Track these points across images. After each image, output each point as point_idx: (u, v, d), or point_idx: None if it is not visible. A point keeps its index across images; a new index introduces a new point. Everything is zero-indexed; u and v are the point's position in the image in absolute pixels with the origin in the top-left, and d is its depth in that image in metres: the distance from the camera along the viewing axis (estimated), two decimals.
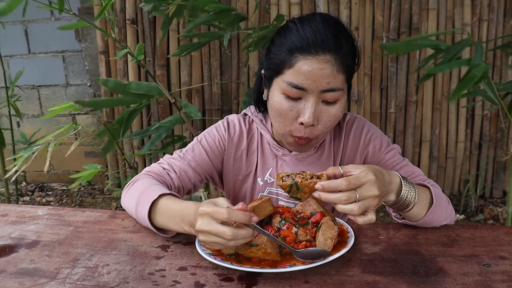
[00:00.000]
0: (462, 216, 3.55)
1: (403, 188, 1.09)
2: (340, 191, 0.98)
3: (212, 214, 0.97)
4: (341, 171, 1.02)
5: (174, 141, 2.89)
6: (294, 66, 1.18)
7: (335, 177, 1.03)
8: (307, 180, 1.03)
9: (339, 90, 1.20)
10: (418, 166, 3.67)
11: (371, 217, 1.00)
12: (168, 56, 3.68)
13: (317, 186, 1.00)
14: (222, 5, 2.38)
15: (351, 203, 0.98)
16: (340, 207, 0.98)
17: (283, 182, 1.05)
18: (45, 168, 2.39)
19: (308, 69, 1.17)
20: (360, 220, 0.99)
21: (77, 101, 2.40)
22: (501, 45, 3.22)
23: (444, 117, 3.68)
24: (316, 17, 1.22)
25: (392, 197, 1.08)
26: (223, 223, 0.97)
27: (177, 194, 1.23)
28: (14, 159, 2.45)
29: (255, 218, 1.00)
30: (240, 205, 0.99)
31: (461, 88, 2.11)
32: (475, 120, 3.68)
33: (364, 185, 0.98)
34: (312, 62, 1.16)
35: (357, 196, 0.97)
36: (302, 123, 1.22)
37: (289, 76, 1.20)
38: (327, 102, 1.21)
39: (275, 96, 1.25)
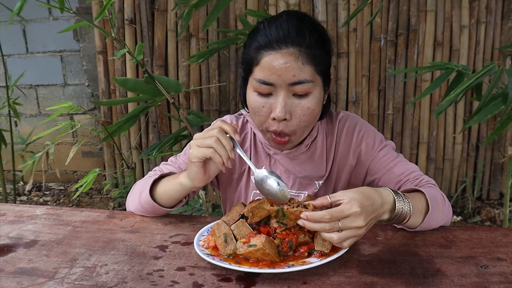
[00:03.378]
0: (459, 218, 3.56)
1: (397, 205, 1.10)
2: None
3: (207, 128, 1.18)
4: (330, 200, 1.03)
5: (177, 141, 2.87)
6: (260, 63, 1.22)
7: (322, 206, 1.05)
8: (293, 208, 1.06)
9: (308, 82, 1.21)
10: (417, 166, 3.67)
11: (343, 244, 1.02)
12: (185, 63, 3.67)
13: (302, 215, 1.03)
14: (260, 13, 2.38)
15: (334, 232, 1.01)
16: (322, 235, 1.03)
17: (271, 208, 1.07)
18: (58, 174, 2.40)
19: (272, 63, 1.19)
20: (333, 243, 1.04)
21: (94, 101, 2.39)
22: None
23: (442, 119, 3.68)
24: (283, 15, 1.26)
25: (385, 216, 1.10)
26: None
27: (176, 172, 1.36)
28: (13, 165, 2.44)
29: (238, 137, 1.17)
30: (234, 124, 1.19)
31: (501, 129, 1.98)
32: None
33: (348, 217, 1.00)
34: (275, 56, 1.19)
35: (340, 225, 1.00)
36: (274, 118, 1.23)
37: (257, 73, 1.23)
38: (298, 95, 1.22)
39: (249, 94, 1.28)
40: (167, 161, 1.51)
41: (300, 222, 1.03)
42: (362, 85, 3.65)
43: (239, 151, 1.18)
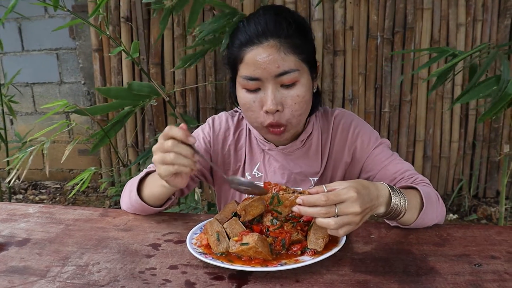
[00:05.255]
0: (455, 216, 3.56)
1: (392, 199, 1.09)
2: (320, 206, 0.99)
3: (162, 134, 1.10)
4: (325, 190, 1.02)
5: None
6: (244, 60, 1.23)
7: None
8: (288, 194, 1.05)
9: (293, 71, 1.22)
10: (412, 165, 3.66)
11: (339, 232, 1.00)
12: (172, 69, 3.66)
13: (298, 200, 1.01)
14: (226, 5, 2.35)
15: (330, 217, 0.98)
16: (318, 220, 1.00)
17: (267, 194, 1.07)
18: (47, 172, 2.38)
19: (255, 58, 1.21)
20: (328, 231, 1.01)
21: (76, 111, 2.37)
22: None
23: (438, 117, 3.68)
24: (260, 10, 1.29)
25: (381, 210, 1.09)
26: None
27: None
28: (8, 162, 2.42)
29: (192, 139, 1.09)
30: (181, 125, 1.10)
31: (493, 110, 1.91)
32: (469, 120, 3.68)
33: (345, 202, 0.99)
34: (257, 51, 1.21)
35: (336, 211, 0.98)
36: (267, 111, 1.24)
37: (242, 70, 1.25)
38: (286, 86, 1.24)
39: (239, 92, 1.30)
40: None
41: (295, 208, 1.01)
42: (359, 83, 3.64)
43: (199, 156, 1.13)
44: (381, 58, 3.60)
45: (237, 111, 1.52)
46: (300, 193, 1.05)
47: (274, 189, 1.08)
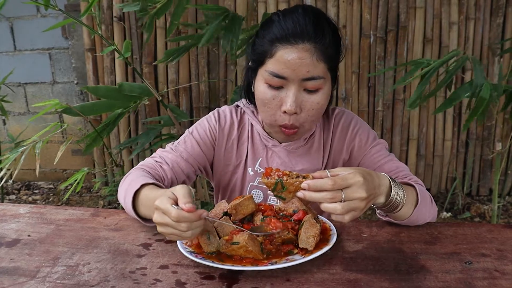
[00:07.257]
0: (449, 214, 3.57)
1: (392, 190, 1.09)
2: (326, 190, 0.97)
3: (164, 211, 0.97)
4: (329, 175, 1.00)
5: (163, 141, 2.87)
6: (275, 56, 1.22)
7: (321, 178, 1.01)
8: (292, 179, 1.02)
9: (320, 78, 1.22)
10: (406, 164, 3.67)
11: (345, 217, 0.98)
12: (154, 63, 3.65)
13: (303, 185, 0.99)
14: (216, 6, 2.35)
15: (336, 202, 0.97)
16: (324, 206, 0.97)
17: (268, 180, 1.04)
18: (37, 171, 2.36)
19: (287, 57, 1.19)
20: (333, 217, 0.99)
21: (65, 110, 2.35)
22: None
23: (432, 116, 3.69)
24: (299, 9, 1.25)
25: (381, 200, 1.08)
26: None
27: (159, 184, 1.24)
28: (0, 161, 2.41)
29: (205, 213, 0.99)
30: (189, 207, 0.95)
31: (473, 115, 1.98)
32: (462, 119, 3.69)
33: (351, 186, 0.97)
34: (291, 51, 1.19)
35: (343, 196, 0.96)
36: (285, 112, 1.24)
37: (270, 65, 1.23)
38: (309, 91, 1.24)
39: (259, 86, 1.28)
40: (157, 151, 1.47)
41: (299, 193, 0.99)
42: (352, 82, 3.65)
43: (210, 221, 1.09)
44: (374, 57, 3.60)
45: (238, 106, 1.53)
46: (304, 177, 1.02)
47: (277, 175, 1.04)
